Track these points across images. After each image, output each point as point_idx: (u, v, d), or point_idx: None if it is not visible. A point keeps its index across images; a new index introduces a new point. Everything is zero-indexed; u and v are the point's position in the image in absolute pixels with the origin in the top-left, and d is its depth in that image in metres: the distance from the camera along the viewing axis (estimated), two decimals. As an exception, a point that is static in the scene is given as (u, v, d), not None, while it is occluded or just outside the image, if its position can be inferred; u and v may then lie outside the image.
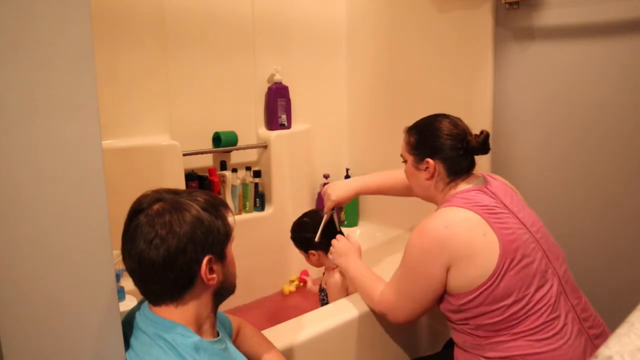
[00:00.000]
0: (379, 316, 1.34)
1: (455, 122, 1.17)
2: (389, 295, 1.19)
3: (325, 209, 1.52)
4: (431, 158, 1.15)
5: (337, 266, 1.48)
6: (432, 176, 1.17)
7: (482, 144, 1.14)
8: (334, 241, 1.43)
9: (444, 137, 1.14)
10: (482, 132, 1.14)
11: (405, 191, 1.43)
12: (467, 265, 1.03)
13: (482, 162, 1.32)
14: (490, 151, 1.19)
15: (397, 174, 1.46)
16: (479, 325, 1.06)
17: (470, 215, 1.05)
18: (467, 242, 1.03)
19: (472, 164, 1.18)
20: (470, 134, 1.16)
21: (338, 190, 1.50)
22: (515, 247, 1.03)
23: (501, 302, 1.02)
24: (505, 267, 1.01)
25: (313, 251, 1.53)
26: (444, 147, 1.14)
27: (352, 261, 1.35)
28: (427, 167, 1.16)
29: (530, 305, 1.02)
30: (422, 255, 1.08)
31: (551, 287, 1.05)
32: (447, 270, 1.06)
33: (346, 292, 1.48)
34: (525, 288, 1.02)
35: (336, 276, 1.49)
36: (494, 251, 1.02)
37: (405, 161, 1.24)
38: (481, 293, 1.02)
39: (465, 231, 1.04)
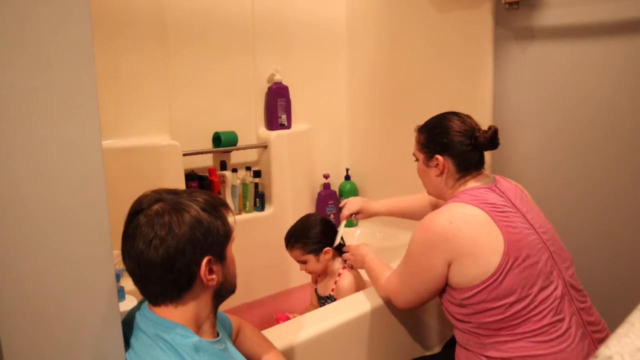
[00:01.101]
0: (378, 316, 1.34)
1: (464, 119, 1.19)
2: (393, 281, 1.24)
3: (343, 217, 1.58)
4: (440, 155, 1.17)
5: (344, 268, 1.52)
6: (441, 172, 1.18)
7: (491, 139, 1.14)
8: (349, 247, 1.54)
9: (453, 134, 1.16)
10: (490, 128, 1.15)
11: (418, 215, 1.47)
12: (470, 261, 1.03)
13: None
14: (491, 151, 1.19)
15: (410, 200, 1.56)
16: (481, 323, 1.06)
17: (477, 211, 1.06)
18: (471, 238, 1.03)
19: (481, 161, 1.19)
20: (479, 130, 1.17)
21: (360, 201, 1.59)
22: (520, 246, 1.03)
23: (503, 300, 1.02)
24: (508, 265, 1.01)
25: (328, 248, 1.52)
26: (453, 144, 1.16)
27: (368, 256, 1.42)
28: (437, 164, 1.18)
29: (533, 305, 1.02)
30: (425, 248, 1.10)
31: (555, 288, 1.04)
32: (449, 265, 1.06)
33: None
34: (528, 287, 1.02)
35: (348, 280, 1.49)
36: (498, 249, 1.02)
37: (417, 160, 1.26)
38: (484, 289, 1.02)
39: (470, 228, 1.04)
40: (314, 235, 1.51)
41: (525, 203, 1.15)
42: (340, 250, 1.57)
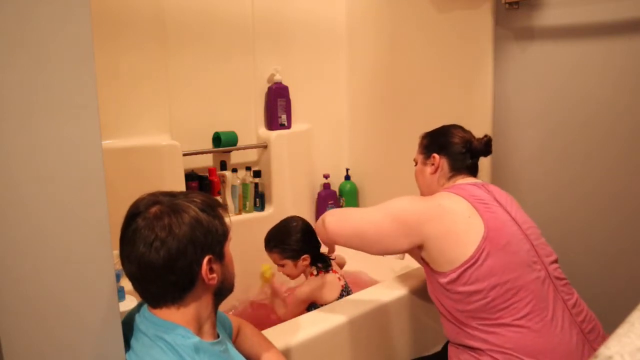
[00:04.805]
0: (378, 316, 1.34)
1: (465, 130, 1.31)
2: (344, 210, 1.29)
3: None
4: (437, 154, 1.28)
5: (319, 274, 1.49)
6: (436, 170, 1.28)
7: (484, 146, 1.27)
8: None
9: (452, 137, 1.28)
10: (485, 136, 1.28)
11: None
12: (448, 242, 1.09)
13: (482, 163, 1.33)
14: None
15: None
16: (467, 312, 1.08)
17: (459, 199, 1.14)
18: (450, 221, 1.10)
19: (474, 167, 1.28)
20: (475, 138, 1.29)
21: None
22: (500, 234, 1.08)
23: (484, 282, 1.05)
24: (487, 249, 1.06)
25: (307, 255, 1.47)
26: (451, 145, 1.27)
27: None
28: (433, 163, 1.28)
29: (514, 290, 1.04)
30: (402, 219, 1.15)
31: (537, 278, 1.07)
32: (418, 247, 1.13)
33: (306, 305, 1.48)
34: (509, 272, 1.05)
35: (309, 286, 1.46)
36: (477, 232, 1.07)
37: (416, 164, 1.34)
38: (464, 270, 1.06)
39: (450, 211, 1.12)
40: (293, 242, 1.46)
41: (510, 204, 1.19)
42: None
